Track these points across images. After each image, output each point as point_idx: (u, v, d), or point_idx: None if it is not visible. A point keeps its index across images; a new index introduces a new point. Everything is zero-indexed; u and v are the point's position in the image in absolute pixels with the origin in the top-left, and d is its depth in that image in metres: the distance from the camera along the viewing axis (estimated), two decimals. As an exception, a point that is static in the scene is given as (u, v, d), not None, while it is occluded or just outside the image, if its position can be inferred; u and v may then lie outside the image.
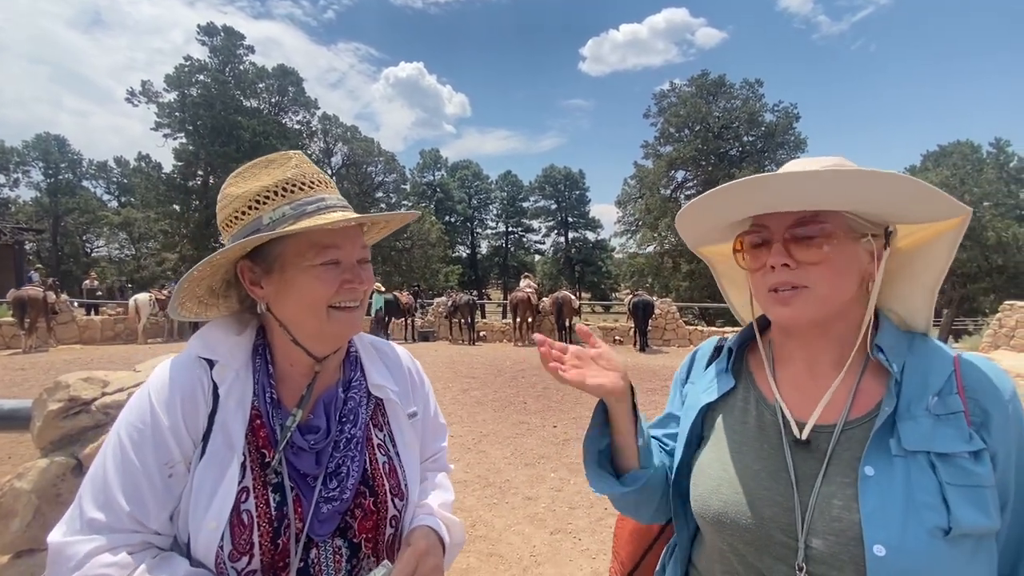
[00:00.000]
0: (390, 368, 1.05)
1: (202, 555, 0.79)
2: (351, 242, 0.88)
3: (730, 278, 1.02)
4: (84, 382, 1.83)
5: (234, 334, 0.91)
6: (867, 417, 0.75)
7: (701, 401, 0.91)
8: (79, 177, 45.74)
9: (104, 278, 23.11)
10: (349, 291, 0.87)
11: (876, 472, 0.70)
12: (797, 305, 0.77)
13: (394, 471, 0.96)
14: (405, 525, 0.97)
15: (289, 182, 0.86)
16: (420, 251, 38.48)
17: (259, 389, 0.88)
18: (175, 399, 0.83)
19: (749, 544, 0.77)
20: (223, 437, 0.83)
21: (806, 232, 0.76)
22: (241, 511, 0.80)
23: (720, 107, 35.84)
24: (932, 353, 0.78)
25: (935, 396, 0.73)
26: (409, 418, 1.03)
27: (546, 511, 4.01)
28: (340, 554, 0.88)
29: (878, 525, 0.66)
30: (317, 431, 0.89)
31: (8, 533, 1.64)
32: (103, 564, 0.75)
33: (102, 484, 0.79)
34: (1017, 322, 11.56)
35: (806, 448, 0.77)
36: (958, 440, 0.69)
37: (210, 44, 33.75)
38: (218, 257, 0.86)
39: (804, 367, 0.85)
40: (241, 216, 0.86)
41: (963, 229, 0.78)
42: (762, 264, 0.80)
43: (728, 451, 0.84)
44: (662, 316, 14.77)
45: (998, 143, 32.59)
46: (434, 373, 9.85)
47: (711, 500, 0.82)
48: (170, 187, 32.64)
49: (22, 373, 9.20)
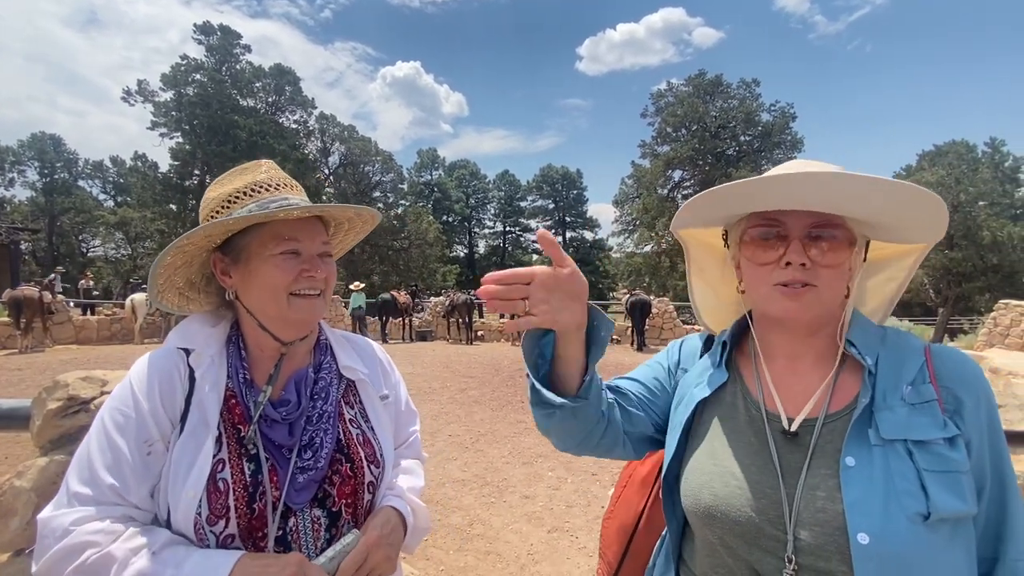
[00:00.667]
0: (360, 355, 1.12)
1: (182, 524, 0.85)
2: (311, 237, 0.96)
3: (700, 266, 1.03)
4: (83, 381, 1.84)
5: (209, 326, 0.99)
6: (846, 410, 0.78)
7: (695, 396, 0.91)
8: (75, 176, 45.55)
9: (100, 278, 23.03)
10: (307, 279, 0.95)
11: (857, 462, 0.72)
12: (805, 301, 0.79)
13: (368, 442, 1.03)
14: (381, 493, 1.03)
15: (258, 184, 0.96)
16: (418, 251, 38.49)
17: (232, 371, 0.95)
18: (154, 383, 0.89)
19: (739, 537, 0.79)
20: (199, 415, 0.89)
21: (825, 234, 0.79)
22: (217, 479, 0.87)
23: (717, 107, 35.94)
24: (904, 345, 0.82)
25: (909, 386, 0.76)
26: (381, 399, 1.10)
27: (543, 510, 4.02)
28: (319, 523, 0.94)
29: (861, 514, 0.68)
30: (288, 403, 0.96)
31: (8, 531, 1.64)
32: (89, 531, 0.80)
33: (86, 462, 0.85)
34: (1012, 321, 11.64)
35: (791, 442, 0.79)
36: (933, 427, 0.72)
37: (206, 43, 33.62)
38: (184, 241, 0.92)
39: (786, 363, 0.87)
40: (215, 215, 0.95)
41: (926, 252, 0.87)
42: (775, 259, 0.81)
43: (718, 446, 0.85)
44: (659, 315, 14.82)
45: (993, 143, 32.79)
46: (432, 372, 9.86)
47: (702, 494, 0.83)
48: (166, 187, 32.51)
49: (19, 373, 9.17)
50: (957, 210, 22.38)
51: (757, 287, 0.85)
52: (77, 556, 0.78)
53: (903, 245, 0.88)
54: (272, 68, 36.26)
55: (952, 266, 22.26)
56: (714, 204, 0.86)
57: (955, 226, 22.22)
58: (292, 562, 0.82)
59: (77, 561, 0.78)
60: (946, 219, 0.78)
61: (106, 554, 0.78)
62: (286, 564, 0.82)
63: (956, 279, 22.64)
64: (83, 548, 0.78)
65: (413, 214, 42.02)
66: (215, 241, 0.95)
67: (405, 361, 11.15)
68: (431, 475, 4.65)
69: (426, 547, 3.43)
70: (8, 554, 1.66)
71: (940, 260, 22.35)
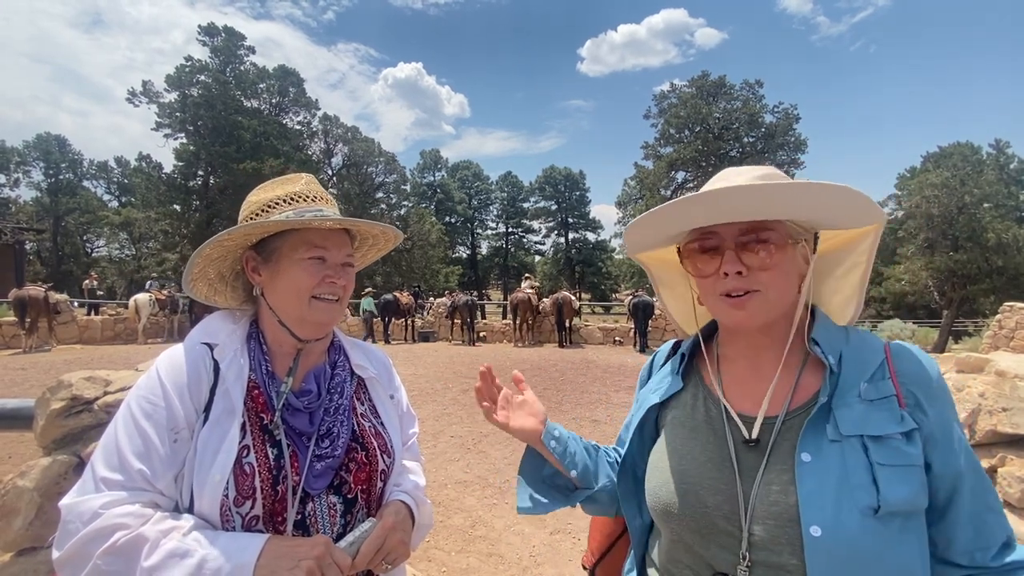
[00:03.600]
0: (368, 357, 1.20)
1: (207, 508, 0.88)
2: (337, 247, 1.04)
3: (664, 282, 1.08)
4: (86, 381, 1.84)
5: (231, 323, 1.05)
6: (805, 407, 0.80)
7: (650, 401, 0.95)
8: (79, 177, 45.72)
9: (104, 278, 23.04)
10: (329, 285, 1.01)
11: (813, 458, 0.73)
12: (751, 308, 0.81)
13: (379, 434, 1.10)
14: (392, 481, 1.10)
15: (297, 195, 1.03)
16: (420, 252, 38.48)
17: (256, 364, 1.00)
18: (181, 374, 0.94)
19: (695, 533, 0.81)
20: (224, 404, 0.94)
21: (755, 239, 0.81)
22: (243, 463, 0.91)
23: (720, 108, 35.90)
24: (865, 343, 0.83)
25: (866, 383, 0.77)
26: (390, 398, 1.18)
27: (546, 511, 4.01)
28: (335, 509, 0.99)
29: (814, 507, 0.70)
30: (309, 393, 1.03)
31: (11, 531, 1.65)
32: (119, 515, 0.81)
33: (114, 448, 0.88)
34: (1017, 323, 11.55)
35: (749, 440, 0.81)
36: (891, 422, 0.74)
37: (211, 44, 33.72)
38: (225, 236, 0.99)
39: (748, 365, 0.89)
40: (255, 217, 1.03)
41: (879, 235, 0.87)
42: (714, 270, 0.84)
43: (678, 445, 0.88)
44: (662, 316, 14.77)
45: (998, 144, 32.60)
46: (435, 373, 9.85)
47: (661, 492, 0.86)
48: (171, 187, 32.51)
49: (23, 373, 9.20)
50: (962, 212, 22.24)
51: (706, 298, 0.89)
52: (107, 538, 0.79)
53: (851, 231, 0.88)
54: (276, 69, 36.37)
55: (957, 268, 22.11)
56: (653, 226, 0.89)
57: (960, 228, 22.08)
58: (319, 543, 0.87)
59: (107, 543, 0.79)
60: (870, 202, 0.78)
61: (137, 535, 0.80)
62: (314, 544, 0.86)
63: (961, 281, 22.49)
64: (113, 530, 0.80)
65: (416, 215, 42.03)
66: (252, 240, 1.03)
67: (407, 362, 11.15)
68: (433, 476, 4.65)
69: (428, 548, 3.43)
70: (11, 553, 1.66)
71: (945, 262, 22.21)
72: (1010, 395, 1.80)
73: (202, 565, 0.79)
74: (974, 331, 18.43)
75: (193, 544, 0.81)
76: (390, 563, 0.99)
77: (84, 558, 0.79)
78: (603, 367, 10.63)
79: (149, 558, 0.78)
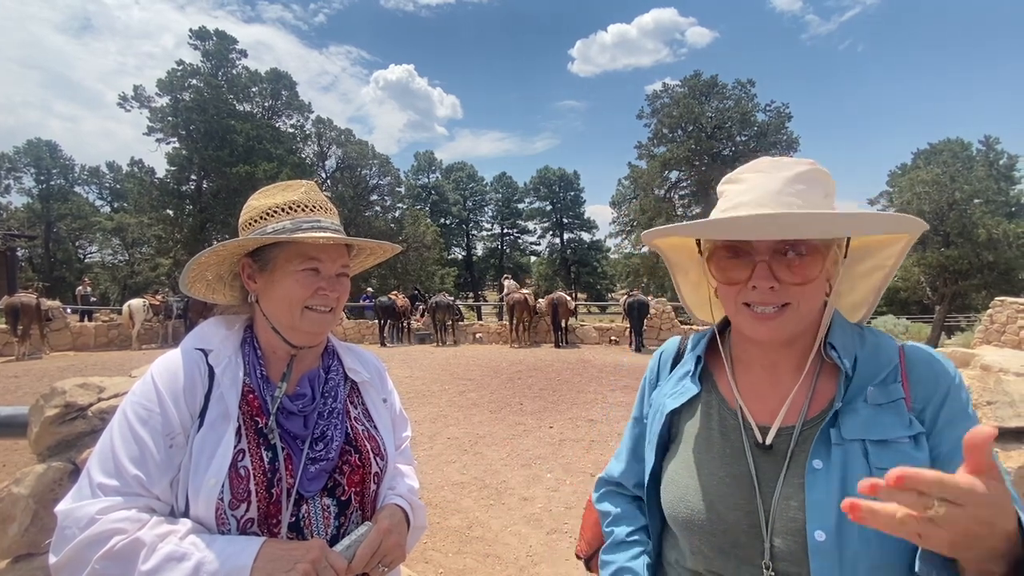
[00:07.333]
0: (361, 361, 1.21)
1: (202, 512, 0.88)
2: (332, 259, 1.04)
3: (681, 268, 1.02)
4: (80, 388, 1.84)
5: (225, 329, 1.05)
6: (822, 415, 0.78)
7: (667, 407, 0.92)
8: (71, 183, 45.30)
9: (97, 284, 22.84)
10: (322, 296, 1.02)
11: (823, 465, 0.73)
12: (779, 323, 0.77)
13: (373, 437, 1.12)
14: (385, 484, 1.11)
15: (295, 203, 1.03)
16: (415, 254, 38.37)
17: (250, 368, 1.01)
18: (176, 379, 0.94)
19: (715, 548, 0.80)
20: (219, 409, 0.94)
21: (793, 251, 0.76)
22: (239, 467, 0.92)
23: (713, 107, 36.00)
24: (880, 346, 0.81)
25: (873, 387, 0.76)
26: (383, 401, 1.20)
27: (542, 511, 4.03)
28: (328, 512, 1.00)
29: (819, 513, 0.70)
30: (304, 397, 1.04)
31: (6, 538, 1.64)
32: (115, 519, 0.82)
33: (110, 453, 0.88)
34: (1008, 317, 11.67)
35: (768, 451, 0.79)
36: (898, 427, 0.72)
37: (202, 48, 33.51)
38: (220, 248, 1.01)
39: (764, 372, 0.86)
40: (254, 223, 1.03)
41: (912, 242, 0.83)
42: (742, 279, 0.79)
43: (694, 457, 0.85)
44: (657, 316, 14.82)
45: (988, 141, 32.90)
46: (431, 375, 9.85)
47: (679, 507, 0.84)
48: (163, 192, 32.25)
49: (15, 380, 9.13)
50: (952, 208, 22.41)
51: (726, 302, 0.84)
52: (104, 543, 0.80)
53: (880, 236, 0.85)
54: (268, 73, 36.19)
55: (948, 264, 22.27)
56: (676, 233, 0.85)
57: (951, 224, 22.25)
58: (315, 546, 0.87)
59: (105, 548, 0.79)
60: (919, 221, 0.75)
61: (134, 540, 0.81)
62: (310, 548, 0.87)
63: (952, 276, 22.66)
64: (110, 535, 0.80)
65: (411, 217, 41.92)
66: (247, 248, 1.04)
67: (404, 364, 11.14)
68: (430, 478, 4.65)
69: (425, 550, 3.43)
70: (8, 560, 1.66)
71: (936, 258, 22.37)
72: (995, 389, 1.83)
73: (199, 568, 0.80)
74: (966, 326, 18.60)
75: (190, 548, 0.82)
76: (386, 566, 1.00)
77: (81, 563, 0.80)
78: (599, 367, 10.65)
79: (146, 562, 0.79)
